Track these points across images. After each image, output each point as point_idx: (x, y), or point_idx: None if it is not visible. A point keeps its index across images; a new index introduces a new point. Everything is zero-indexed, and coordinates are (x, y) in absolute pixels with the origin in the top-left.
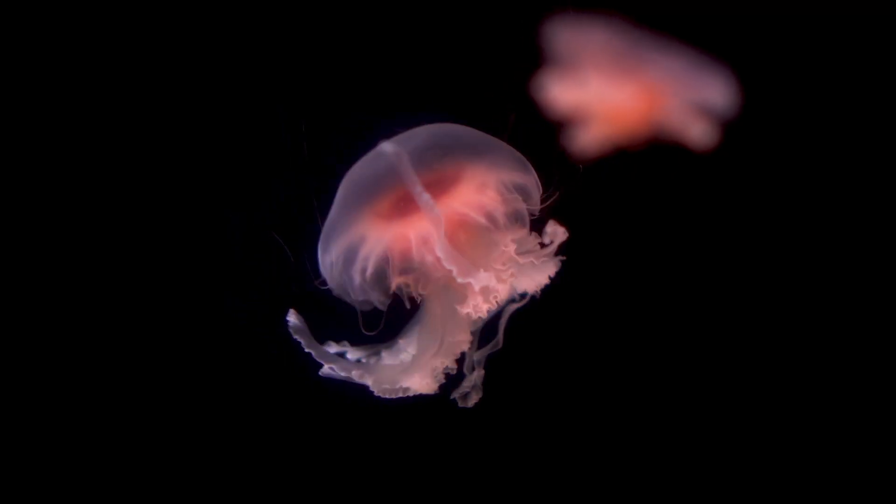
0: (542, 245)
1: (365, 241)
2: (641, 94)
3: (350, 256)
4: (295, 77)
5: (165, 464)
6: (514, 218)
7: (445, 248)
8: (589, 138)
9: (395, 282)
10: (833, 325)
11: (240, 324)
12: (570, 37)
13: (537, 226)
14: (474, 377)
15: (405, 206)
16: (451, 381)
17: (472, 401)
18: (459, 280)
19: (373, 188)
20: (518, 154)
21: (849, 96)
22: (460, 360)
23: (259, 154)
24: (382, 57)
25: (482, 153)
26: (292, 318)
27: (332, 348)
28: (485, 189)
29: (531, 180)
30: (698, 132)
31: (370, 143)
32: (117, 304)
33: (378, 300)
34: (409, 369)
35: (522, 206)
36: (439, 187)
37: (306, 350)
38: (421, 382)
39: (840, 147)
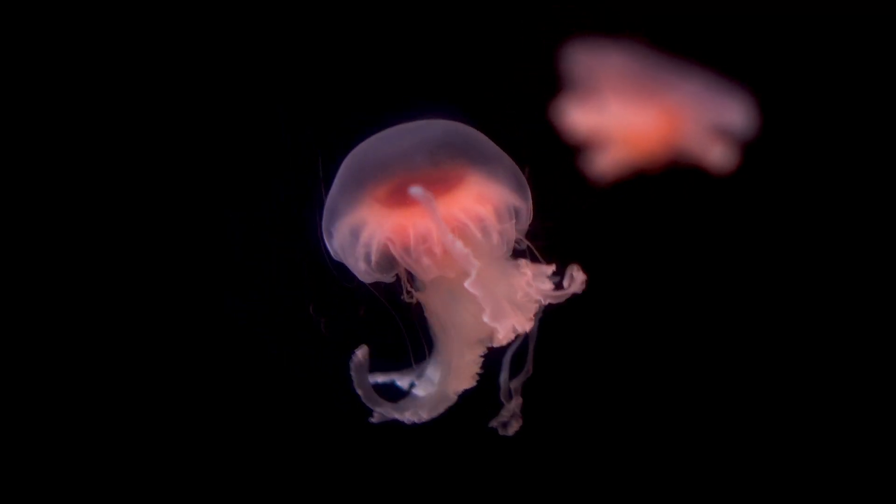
0: (556, 284)
1: (365, 226)
2: (660, 118)
3: (352, 241)
4: (296, 77)
5: (164, 464)
6: (504, 238)
7: (480, 287)
8: (607, 161)
9: (401, 268)
10: (852, 345)
11: (239, 324)
12: (588, 61)
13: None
14: (512, 406)
15: (404, 197)
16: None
17: (513, 429)
18: (489, 321)
19: (377, 173)
20: (522, 178)
21: (868, 118)
22: (492, 386)
23: (259, 154)
24: (397, 71)
25: (491, 164)
26: (360, 355)
27: (380, 378)
28: (484, 201)
29: (526, 207)
30: (717, 155)
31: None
32: (116, 303)
33: (387, 280)
34: (439, 401)
35: (513, 229)
36: (441, 185)
37: (357, 390)
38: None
39: (859, 168)
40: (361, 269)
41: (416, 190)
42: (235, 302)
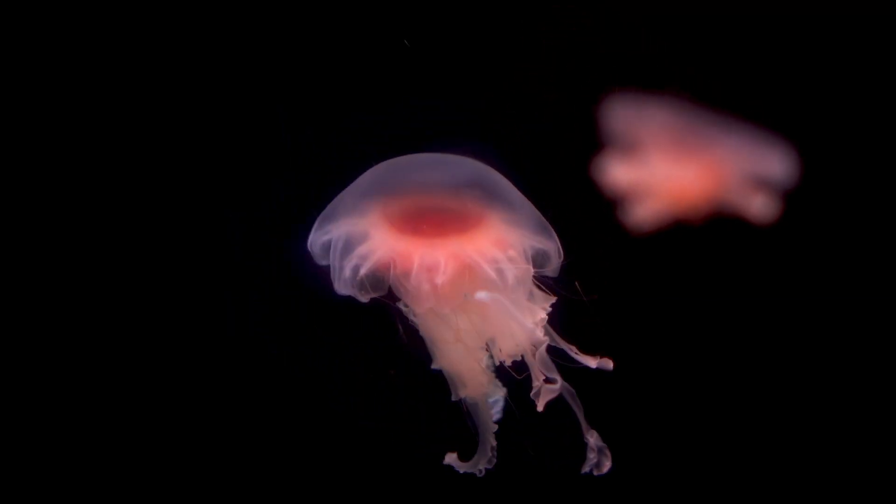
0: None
1: (367, 240)
2: (701, 172)
3: (346, 247)
4: (296, 77)
5: (163, 464)
6: (520, 281)
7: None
8: (648, 213)
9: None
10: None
11: (239, 324)
12: (629, 115)
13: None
14: (594, 442)
15: (417, 224)
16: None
17: (606, 466)
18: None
19: (397, 193)
20: (546, 223)
21: None
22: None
23: (259, 154)
24: (398, 72)
25: (514, 210)
26: (453, 462)
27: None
28: (502, 244)
29: (551, 250)
30: (758, 205)
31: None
32: (115, 304)
33: (362, 298)
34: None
35: (529, 272)
36: (460, 223)
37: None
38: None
39: None
40: (344, 278)
41: (483, 295)
42: (235, 301)
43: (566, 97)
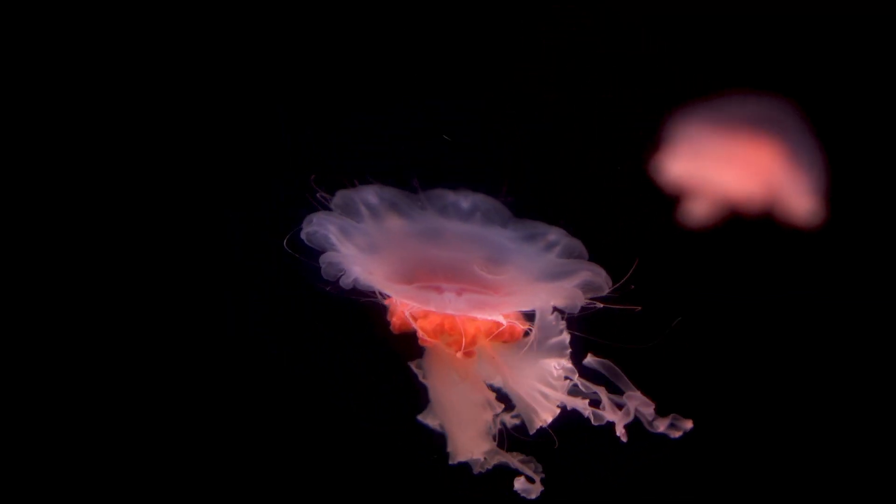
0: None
1: (370, 276)
2: (752, 173)
3: (350, 270)
4: (296, 77)
5: (164, 463)
6: (541, 335)
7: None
8: (701, 212)
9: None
10: None
11: (239, 323)
12: (686, 119)
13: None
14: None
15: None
16: None
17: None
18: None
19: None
20: (602, 273)
21: None
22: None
23: (259, 154)
24: (401, 73)
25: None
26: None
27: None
28: (524, 308)
29: (603, 280)
30: (806, 208)
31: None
32: (116, 304)
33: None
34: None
35: (554, 329)
36: (483, 286)
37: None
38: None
39: None
40: (349, 281)
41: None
42: (235, 301)
43: (566, 97)
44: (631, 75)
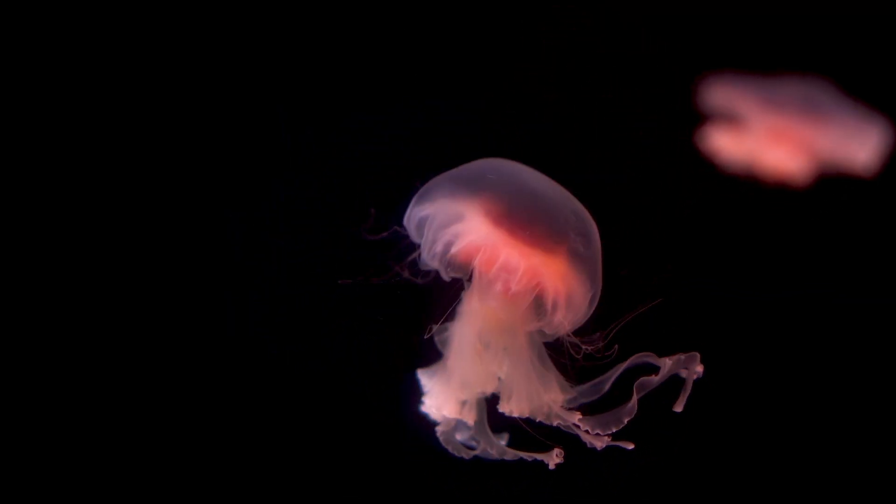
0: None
1: (464, 221)
2: (801, 140)
3: (445, 223)
4: (296, 77)
5: (164, 463)
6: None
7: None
8: (756, 177)
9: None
10: None
11: (240, 323)
12: (730, 93)
13: None
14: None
15: (518, 232)
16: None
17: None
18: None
19: (508, 192)
20: (598, 289)
21: None
22: None
23: (259, 154)
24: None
25: (589, 266)
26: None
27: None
28: (560, 284)
29: (581, 310)
30: (861, 159)
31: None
32: (116, 304)
33: (445, 275)
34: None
35: (564, 323)
36: (537, 245)
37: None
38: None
39: None
40: (436, 251)
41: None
42: (235, 301)
43: (566, 97)
44: (631, 75)
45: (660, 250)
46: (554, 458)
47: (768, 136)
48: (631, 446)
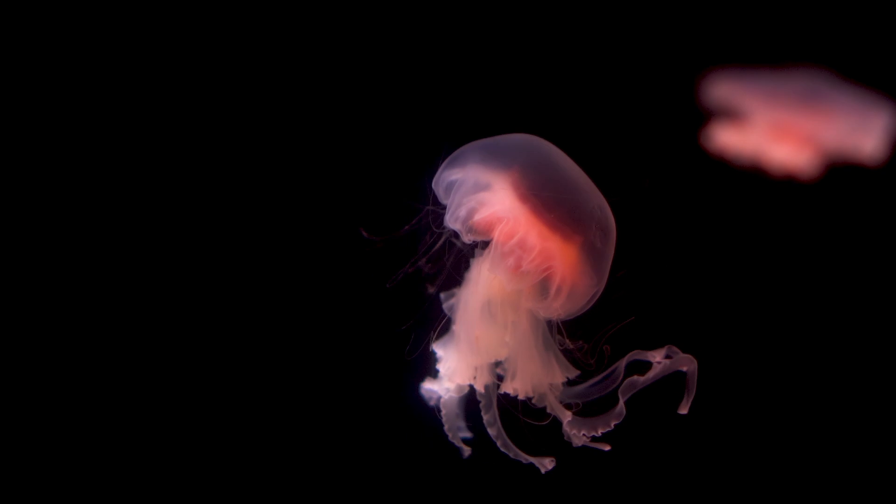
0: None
1: (492, 190)
2: (806, 132)
3: (473, 189)
4: (309, 77)
5: (165, 463)
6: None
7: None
8: (763, 172)
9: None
10: None
11: (250, 322)
12: (731, 88)
13: None
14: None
15: (541, 212)
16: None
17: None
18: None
19: (540, 171)
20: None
21: None
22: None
23: (267, 154)
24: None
25: (600, 262)
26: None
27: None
28: (567, 270)
29: (579, 304)
30: (868, 150)
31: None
32: (119, 304)
33: (465, 237)
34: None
35: (561, 310)
36: (554, 229)
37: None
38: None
39: None
40: (459, 215)
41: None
42: (244, 301)
43: (574, 96)
44: (631, 75)
45: (666, 250)
46: (546, 465)
47: (773, 131)
48: (608, 448)
